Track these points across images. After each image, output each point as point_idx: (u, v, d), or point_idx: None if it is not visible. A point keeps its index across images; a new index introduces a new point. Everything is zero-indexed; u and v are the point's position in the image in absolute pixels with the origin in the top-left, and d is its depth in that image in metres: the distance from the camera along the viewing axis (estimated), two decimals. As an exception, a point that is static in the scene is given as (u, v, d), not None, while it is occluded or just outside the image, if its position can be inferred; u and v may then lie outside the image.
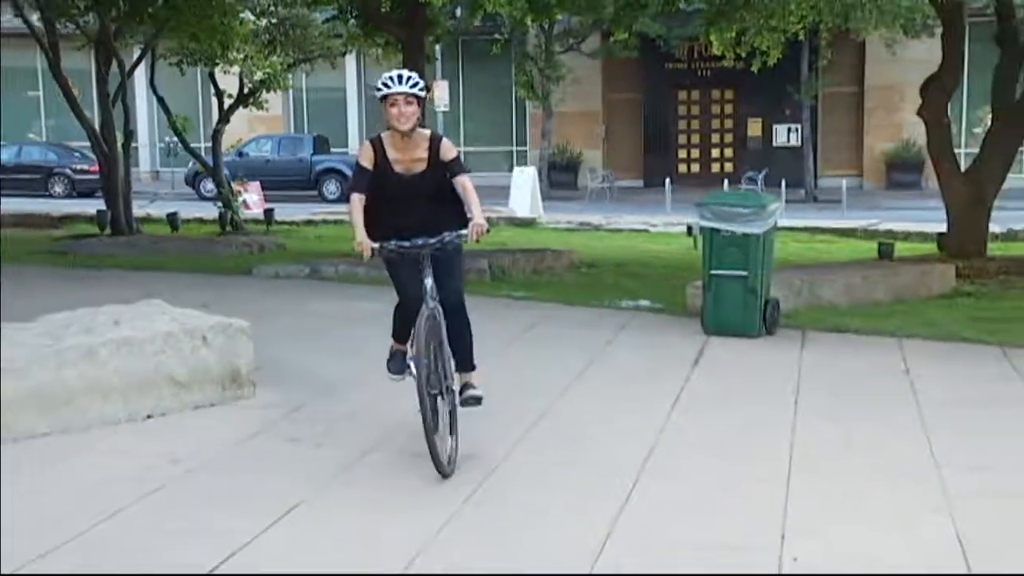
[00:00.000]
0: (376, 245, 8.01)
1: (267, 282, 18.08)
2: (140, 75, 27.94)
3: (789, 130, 43.82)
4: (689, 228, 23.76)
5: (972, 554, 6.88)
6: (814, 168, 42.03)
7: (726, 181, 37.91)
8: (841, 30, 24.31)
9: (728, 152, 45.84)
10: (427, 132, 8.38)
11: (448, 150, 8.39)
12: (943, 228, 19.84)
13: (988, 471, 8.60)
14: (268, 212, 30.21)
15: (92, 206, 29.81)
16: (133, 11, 23.70)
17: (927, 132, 19.62)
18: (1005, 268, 18.31)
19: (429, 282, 8.18)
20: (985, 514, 7.66)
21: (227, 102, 28.43)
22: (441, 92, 37.40)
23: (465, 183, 8.34)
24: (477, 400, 8.60)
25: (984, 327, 14.08)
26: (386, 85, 8.08)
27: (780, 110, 43.23)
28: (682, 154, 45.85)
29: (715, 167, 44.95)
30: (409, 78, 8.06)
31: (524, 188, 34.12)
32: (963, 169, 19.41)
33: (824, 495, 8.05)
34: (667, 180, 38.36)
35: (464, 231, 8.15)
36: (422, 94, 8.08)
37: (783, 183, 35.31)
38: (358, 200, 8.24)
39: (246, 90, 28.50)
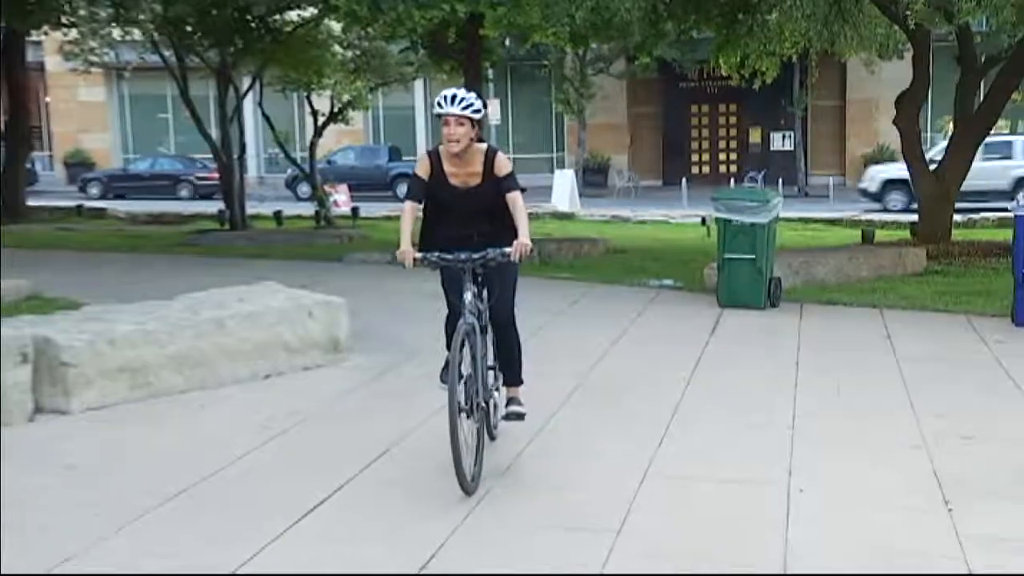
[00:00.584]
0: (418, 255, 6.94)
1: (355, 266, 18.04)
2: (250, 99, 28.00)
3: (784, 137, 43.60)
4: (703, 219, 23.65)
5: (944, 483, 6.92)
6: (805, 168, 41.95)
7: (732, 180, 37.88)
8: (826, 53, 24.16)
9: (733, 156, 45.68)
10: (483, 147, 7.12)
11: (502, 165, 7.13)
12: (915, 218, 19.77)
13: (953, 416, 8.62)
14: (354, 210, 30.33)
15: (212, 206, 29.98)
16: (246, 47, 23.89)
17: (901, 138, 19.52)
18: (967, 251, 18.18)
19: (468, 296, 6.89)
20: (953, 450, 7.69)
21: (320, 119, 28.51)
22: (493, 108, 37.42)
23: (516, 200, 7.09)
24: (519, 416, 7.41)
25: (951, 299, 14.06)
26: (439, 105, 6.91)
27: (776, 120, 43.07)
28: (695, 158, 45.70)
29: (722, 168, 44.79)
30: (462, 100, 6.84)
31: (564, 187, 34.19)
32: (931, 167, 19.27)
33: (822, 437, 8.07)
34: (683, 180, 38.28)
35: (508, 249, 6.81)
36: (476, 116, 6.88)
37: (779, 181, 35.08)
38: (410, 208, 7.17)
39: (335, 109, 28.59)
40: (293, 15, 22.85)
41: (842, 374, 10.20)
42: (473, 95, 6.91)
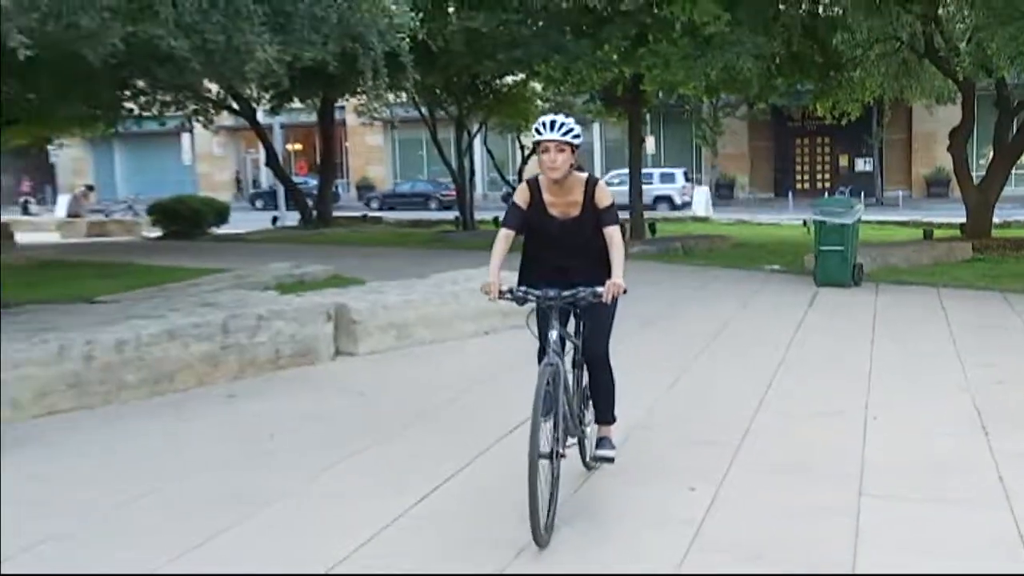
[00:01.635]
0: (504, 288, 4.95)
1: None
2: (478, 138, 28.28)
3: (864, 161, 42.23)
4: (804, 221, 22.91)
5: (985, 416, 6.65)
6: (880, 184, 40.54)
7: (826, 193, 36.80)
8: (897, 99, 23.60)
9: (827, 175, 44.28)
10: (583, 176, 5.19)
11: (603, 196, 5.16)
12: (963, 220, 19.01)
13: (990, 367, 8.25)
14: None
15: (451, 215, 30.35)
16: (476, 103, 24.23)
17: (953, 162, 18.80)
18: (1003, 244, 17.45)
19: (553, 335, 4.84)
20: (990, 392, 7.36)
21: (525, 152, 28.65)
22: (649, 142, 37.63)
23: (613, 236, 5.06)
24: (608, 460, 5.31)
25: (990, 280, 13.55)
26: (538, 132, 5.05)
27: (859, 149, 41.66)
28: (798, 177, 44.41)
29: (819, 184, 43.33)
30: (562, 125, 4.97)
31: (701, 198, 33.81)
32: (976, 183, 18.60)
33: (891, 381, 7.80)
34: (789, 192, 37.73)
35: (600, 289, 4.81)
36: (576, 142, 5.01)
37: (862, 194, 33.83)
38: (503, 236, 5.11)
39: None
40: (508, 79, 23.06)
41: (907, 335, 9.89)
42: (572, 120, 5.06)
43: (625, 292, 4.83)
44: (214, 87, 21.68)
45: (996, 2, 13.35)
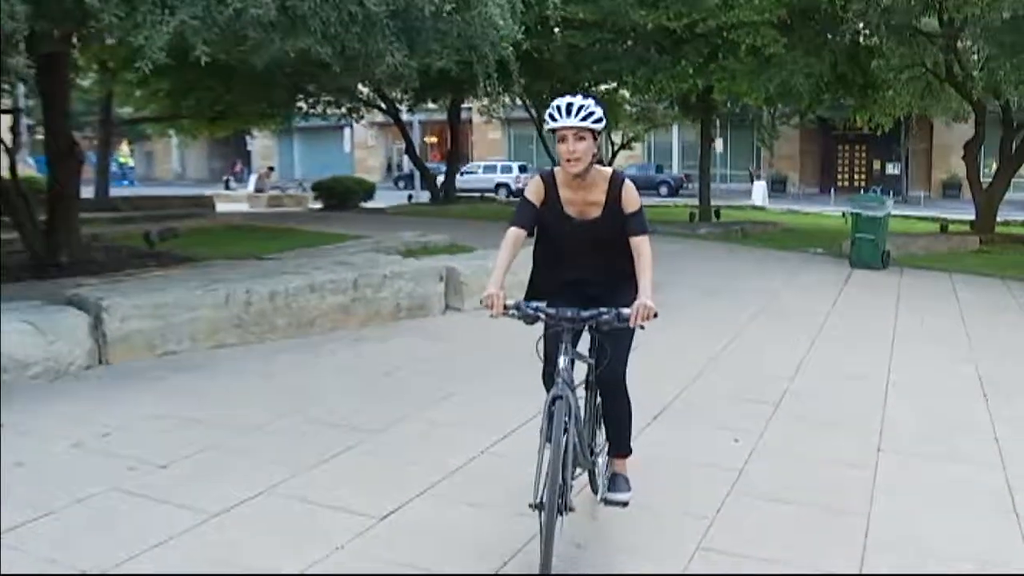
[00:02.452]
0: (510, 302, 3.35)
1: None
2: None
3: (894, 166, 40.66)
4: (843, 213, 22.05)
5: (985, 382, 6.30)
6: (906, 185, 38.86)
7: (861, 190, 35.31)
8: (922, 116, 23.05)
9: (863, 176, 42.57)
10: (608, 172, 3.52)
11: (630, 199, 3.50)
12: (972, 217, 18.20)
13: (991, 340, 7.89)
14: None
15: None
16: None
17: (966, 169, 18.08)
18: (1005, 239, 16.74)
19: (563, 361, 3.28)
20: (992, 362, 6.93)
21: (614, 147, 28.21)
22: (718, 144, 36.68)
23: (641, 248, 3.42)
24: (621, 504, 3.64)
25: (994, 268, 12.84)
26: (552, 118, 3.36)
27: (890, 155, 40.31)
28: (839, 176, 42.63)
29: (856, 183, 41.40)
30: (580, 108, 3.31)
31: (759, 192, 32.85)
32: (984, 187, 17.78)
33: (910, 351, 7.32)
34: (831, 189, 36.47)
35: (626, 311, 3.23)
36: (597, 127, 3.35)
37: (891, 192, 32.16)
38: (512, 236, 3.48)
39: (624, 141, 28.22)
40: (602, 87, 22.57)
41: (925, 311, 9.39)
42: (591, 102, 3.35)
43: (656, 316, 3.16)
44: (364, 89, 21.69)
45: (1005, 37, 13.09)
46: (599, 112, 3.32)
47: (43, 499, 3.74)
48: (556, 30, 16.55)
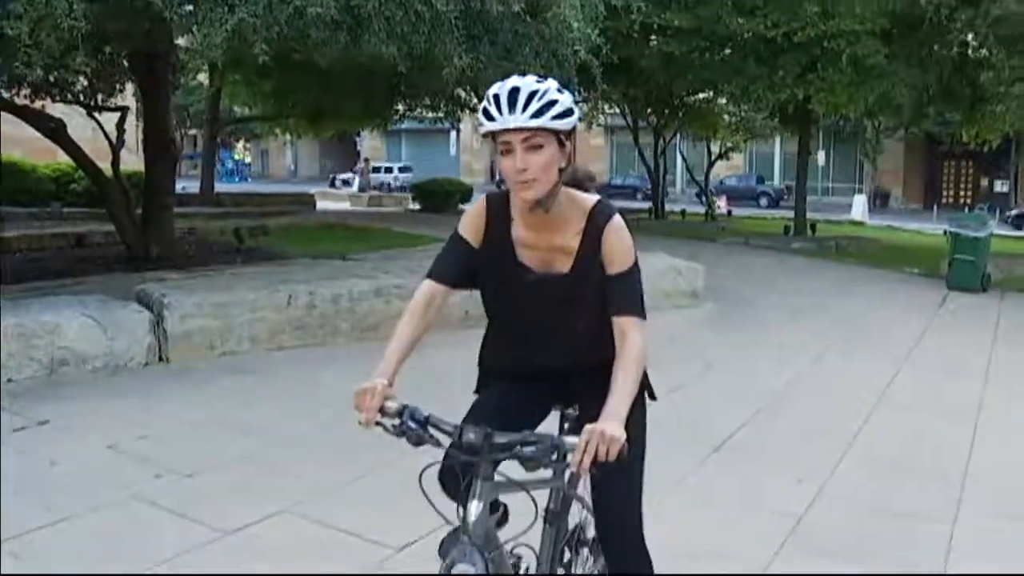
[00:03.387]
0: (392, 405, 1.88)
1: (723, 246, 16.79)
2: (673, 144, 27.12)
3: (1002, 183, 38.30)
4: (945, 231, 20.81)
5: None
6: (1014, 202, 36.41)
7: (967, 208, 33.33)
8: None
9: (969, 193, 40.19)
10: (587, 200, 1.91)
11: (616, 248, 1.87)
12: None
13: None
14: (729, 211, 28.58)
15: (647, 204, 29.43)
16: (671, 114, 23.25)
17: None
18: None
19: (477, 511, 1.74)
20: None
21: (712, 157, 27.34)
22: (820, 156, 35.20)
23: (628, 331, 1.81)
24: None
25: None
26: (487, 115, 1.77)
27: (998, 172, 37.98)
28: (944, 193, 40.36)
29: (962, 200, 39.12)
30: (532, 96, 1.73)
31: (859, 205, 31.24)
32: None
33: (1005, 388, 6.55)
34: (935, 206, 34.23)
35: (570, 440, 1.62)
36: (563, 125, 1.76)
37: (998, 210, 30.32)
38: (421, 297, 2.04)
39: (723, 151, 27.35)
40: (700, 96, 21.89)
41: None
42: (551, 84, 1.83)
43: (621, 456, 1.66)
44: (461, 93, 21.59)
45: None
46: (565, 101, 1.83)
47: (61, 503, 3.60)
48: (652, 38, 16.07)
